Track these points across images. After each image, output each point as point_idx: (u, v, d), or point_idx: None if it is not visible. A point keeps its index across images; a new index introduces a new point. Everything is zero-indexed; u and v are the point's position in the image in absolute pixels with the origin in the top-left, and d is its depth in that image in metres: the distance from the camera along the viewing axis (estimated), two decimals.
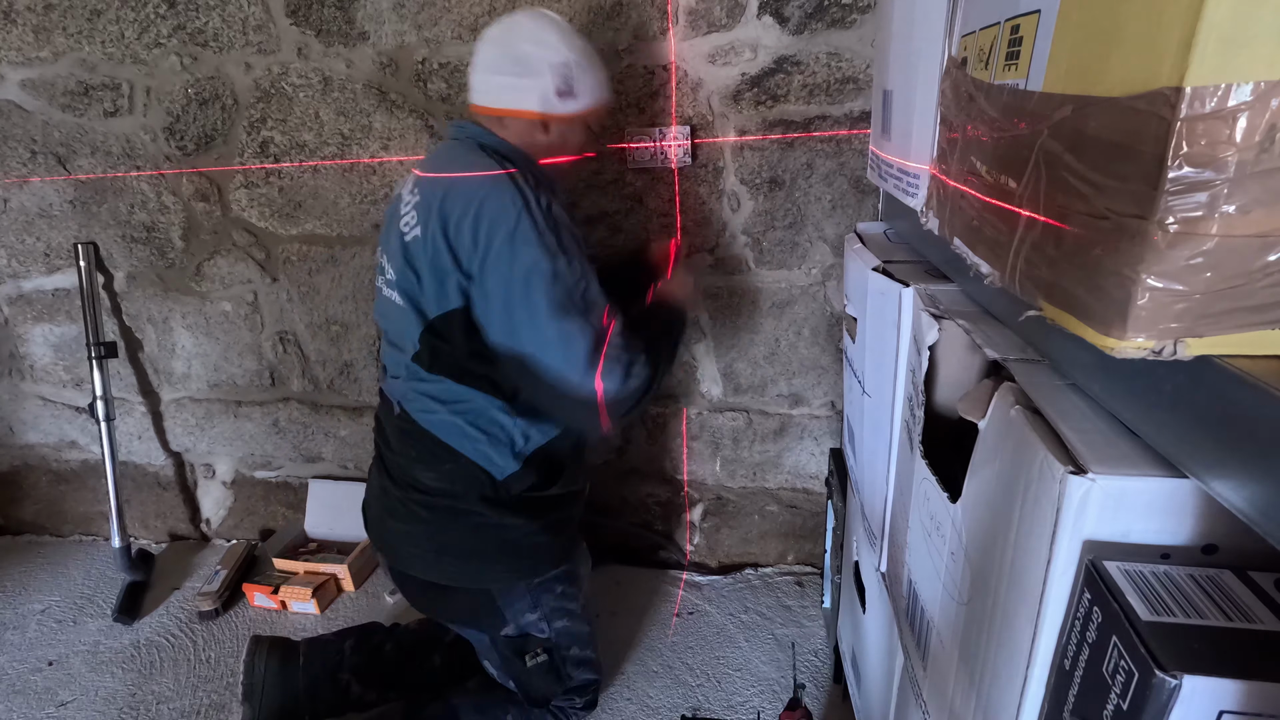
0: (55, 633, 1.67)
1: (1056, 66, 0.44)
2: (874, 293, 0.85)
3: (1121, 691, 0.38)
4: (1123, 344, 0.38)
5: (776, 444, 1.64)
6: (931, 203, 0.72)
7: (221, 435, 1.86)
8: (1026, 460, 0.49)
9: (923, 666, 0.75)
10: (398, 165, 1.50)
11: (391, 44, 1.41)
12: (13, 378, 1.88)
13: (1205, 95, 0.32)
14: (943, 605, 0.67)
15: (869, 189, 1.38)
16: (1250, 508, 0.35)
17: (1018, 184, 0.48)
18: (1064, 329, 0.44)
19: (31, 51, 1.52)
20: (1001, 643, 0.54)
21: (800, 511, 1.70)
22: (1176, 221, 0.34)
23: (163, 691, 1.50)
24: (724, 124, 1.38)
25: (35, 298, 1.77)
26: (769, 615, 1.61)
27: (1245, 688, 0.35)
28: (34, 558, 1.94)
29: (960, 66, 0.61)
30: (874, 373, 0.89)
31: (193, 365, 1.79)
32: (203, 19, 1.45)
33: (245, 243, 1.63)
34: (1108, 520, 0.44)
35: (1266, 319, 0.35)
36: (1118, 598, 0.40)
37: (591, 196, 1.46)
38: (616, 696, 1.43)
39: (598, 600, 1.66)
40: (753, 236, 1.45)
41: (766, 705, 1.39)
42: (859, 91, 1.31)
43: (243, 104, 1.50)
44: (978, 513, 0.59)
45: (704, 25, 1.31)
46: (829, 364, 1.53)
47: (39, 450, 1.96)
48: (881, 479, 0.88)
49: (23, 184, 1.65)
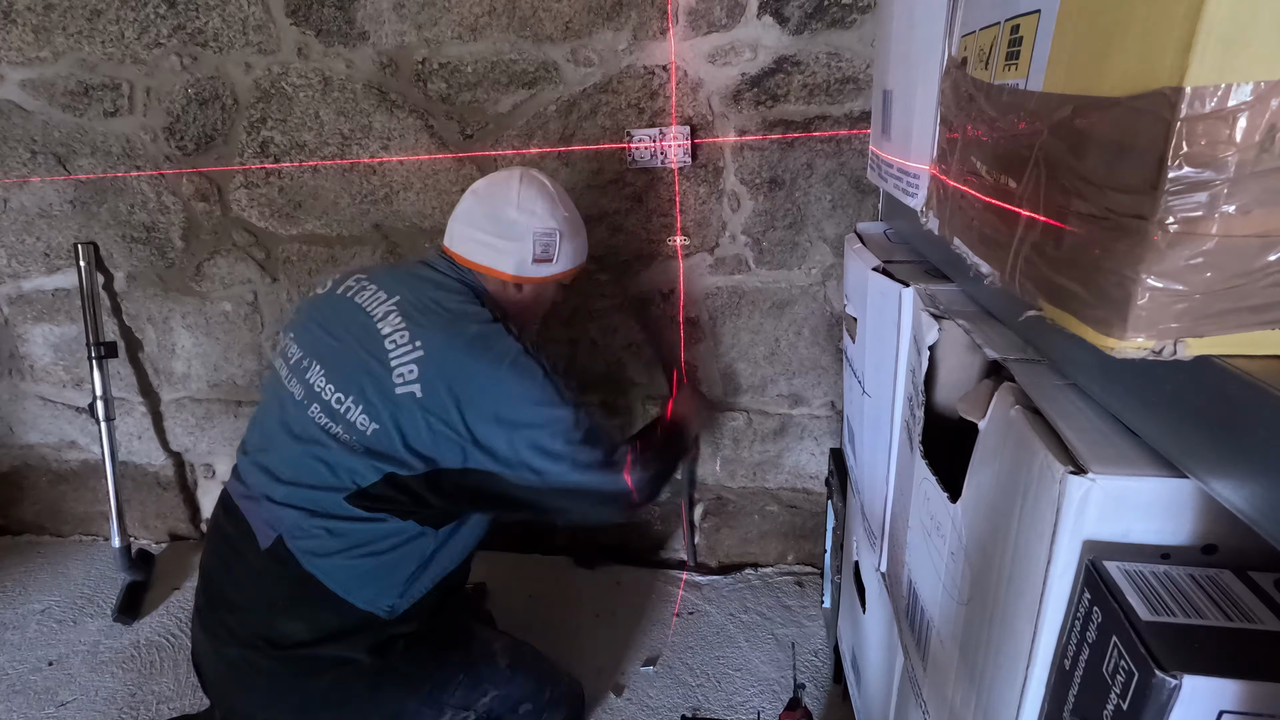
0: (55, 633, 1.67)
1: (1056, 66, 0.44)
2: (874, 293, 0.85)
3: (1121, 691, 0.38)
4: (1123, 344, 0.38)
5: (776, 444, 1.64)
6: (931, 203, 0.72)
7: (221, 435, 1.86)
8: (1026, 460, 0.49)
9: (923, 666, 0.75)
10: (398, 165, 1.50)
11: (391, 44, 1.41)
12: (13, 378, 1.88)
13: (1205, 95, 0.32)
14: (943, 605, 0.67)
15: (869, 189, 1.38)
16: (1250, 508, 0.35)
17: (1018, 184, 0.48)
18: (1064, 329, 0.44)
19: (31, 51, 1.52)
20: (1001, 643, 0.54)
21: (800, 511, 1.70)
22: (1176, 221, 0.34)
23: (163, 691, 1.50)
24: (724, 124, 1.38)
25: (35, 298, 1.77)
26: (769, 615, 1.61)
27: (1245, 688, 0.35)
28: (34, 558, 1.94)
29: (960, 66, 0.61)
30: (874, 373, 0.89)
31: (193, 365, 1.79)
32: (203, 19, 1.45)
33: (245, 243, 1.63)
34: (1108, 520, 0.44)
35: (1266, 319, 0.35)
36: (1118, 598, 0.40)
37: (591, 196, 1.46)
38: (616, 696, 1.43)
39: (597, 600, 1.67)
40: (753, 236, 1.46)
41: (766, 705, 1.39)
42: (859, 91, 1.31)
43: (243, 104, 1.50)
44: (978, 513, 0.59)
45: (704, 25, 1.31)
46: (829, 364, 1.53)
47: (39, 450, 1.96)
48: (881, 479, 0.88)
49: (23, 184, 1.65)
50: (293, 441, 1.01)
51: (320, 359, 1.03)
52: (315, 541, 0.98)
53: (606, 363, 1.60)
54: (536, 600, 1.68)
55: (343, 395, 0.99)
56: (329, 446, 0.98)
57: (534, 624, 1.59)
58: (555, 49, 1.36)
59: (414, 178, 1.51)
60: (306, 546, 0.98)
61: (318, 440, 0.99)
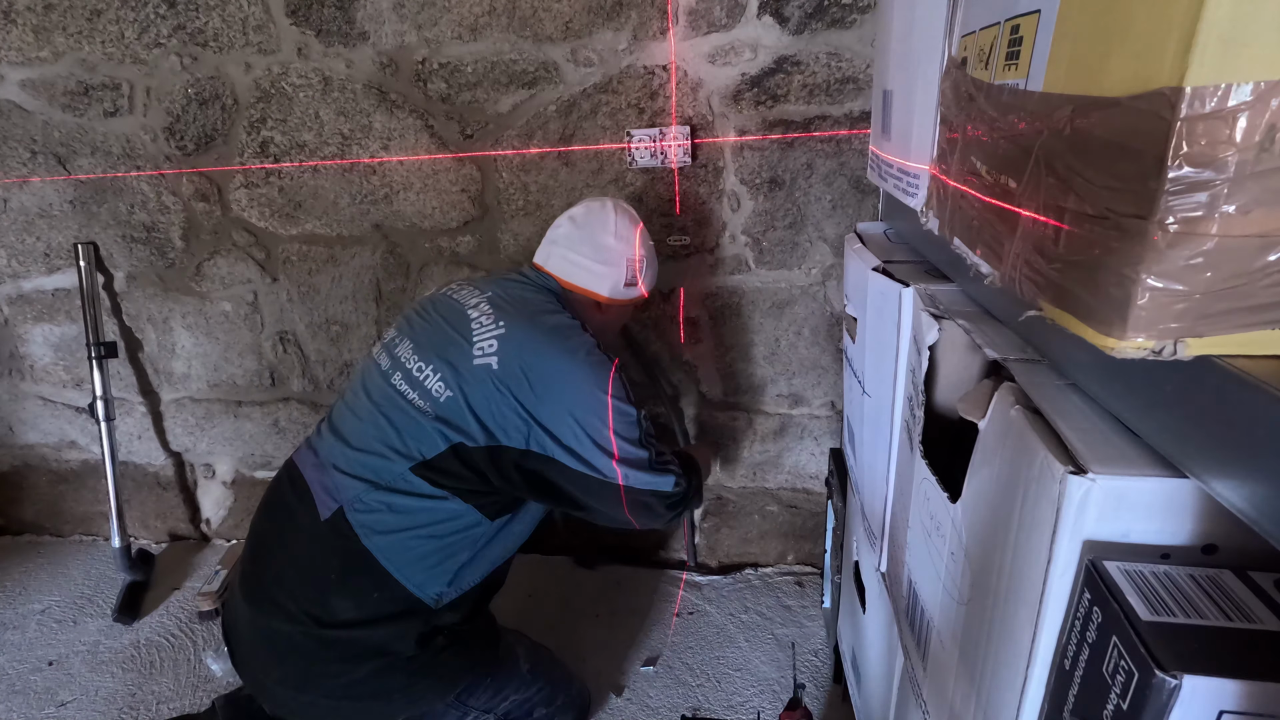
0: (55, 633, 1.67)
1: (1056, 66, 0.44)
2: (874, 293, 0.85)
3: (1121, 691, 0.38)
4: (1123, 344, 0.38)
5: (776, 444, 1.64)
6: (931, 203, 0.72)
7: (221, 435, 1.86)
8: (1026, 460, 0.49)
9: (923, 666, 0.75)
10: (398, 165, 1.50)
11: (391, 44, 1.41)
12: (13, 378, 1.87)
13: (1205, 95, 0.32)
14: (943, 605, 0.67)
15: (869, 189, 1.38)
16: (1250, 508, 0.35)
17: (1018, 184, 0.48)
18: (1064, 329, 0.44)
19: (31, 51, 1.52)
20: (1001, 643, 0.54)
21: (800, 511, 1.70)
22: (1176, 221, 0.34)
23: (163, 691, 1.50)
24: (724, 124, 1.38)
25: (35, 298, 1.77)
26: (769, 615, 1.61)
27: (1245, 688, 0.35)
28: (34, 558, 1.94)
29: (960, 66, 0.61)
30: (874, 373, 0.88)
31: (193, 365, 1.79)
32: (203, 19, 1.45)
33: (245, 243, 1.63)
34: (1108, 520, 0.44)
35: (1266, 319, 0.35)
36: (1118, 598, 0.40)
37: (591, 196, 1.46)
38: (616, 696, 1.43)
39: (597, 600, 1.67)
40: (753, 236, 1.46)
41: (766, 705, 1.39)
42: (859, 91, 1.31)
43: (243, 104, 1.50)
44: (978, 513, 0.59)
45: (704, 25, 1.31)
46: (829, 364, 1.53)
47: (39, 450, 1.96)
48: (881, 479, 0.88)
49: (23, 184, 1.65)
50: (370, 407, 1.05)
51: (411, 337, 1.09)
52: (375, 517, 0.99)
53: None
54: (536, 600, 1.68)
55: (424, 364, 1.04)
56: (404, 411, 1.02)
57: (534, 624, 1.59)
58: (555, 49, 1.36)
59: (414, 178, 1.51)
60: (366, 521, 0.99)
61: (394, 405, 1.03)
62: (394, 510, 0.99)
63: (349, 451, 1.03)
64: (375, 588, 0.99)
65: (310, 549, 1.01)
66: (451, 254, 1.57)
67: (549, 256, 1.18)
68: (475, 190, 1.50)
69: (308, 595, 0.99)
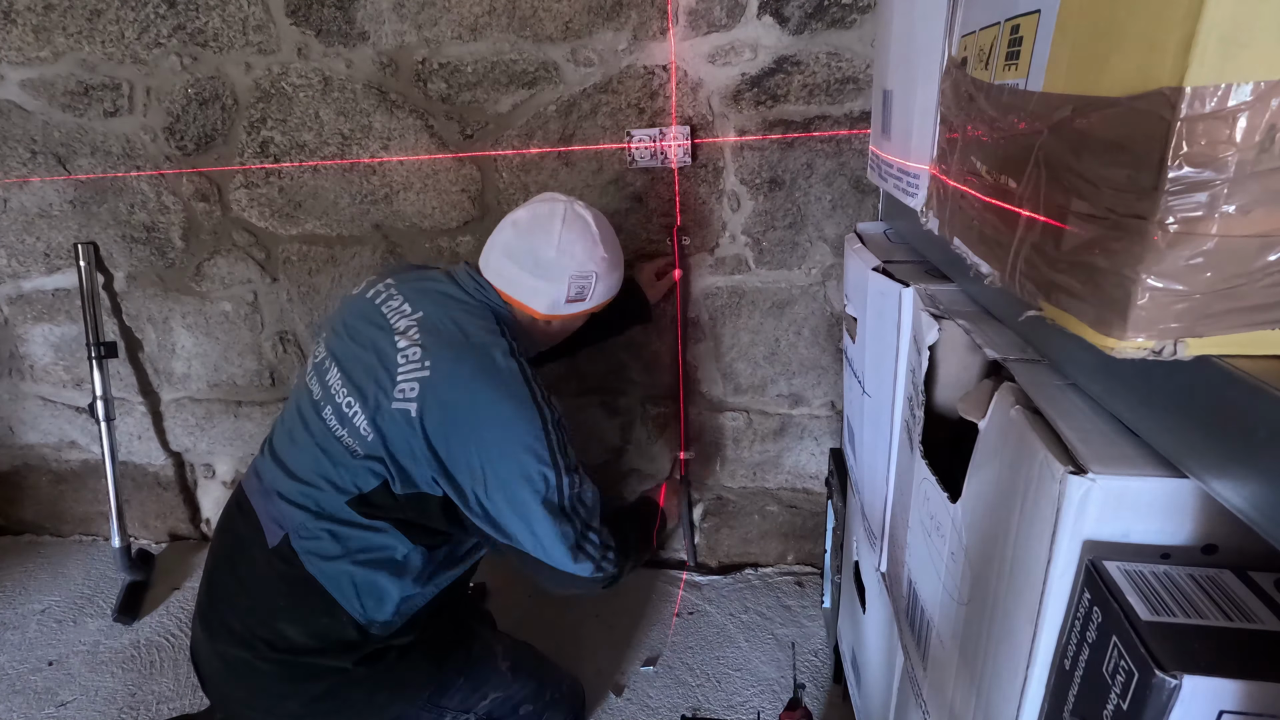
0: (55, 633, 1.67)
1: (1056, 66, 0.44)
2: (874, 293, 0.85)
3: (1121, 691, 0.38)
4: (1123, 344, 0.38)
5: (776, 444, 1.64)
6: (931, 203, 0.72)
7: (221, 435, 1.86)
8: (1026, 460, 0.49)
9: (923, 666, 0.75)
10: (398, 165, 1.50)
11: (391, 44, 1.41)
12: (13, 378, 1.87)
13: (1205, 95, 0.32)
14: (943, 605, 0.67)
15: (869, 189, 1.38)
16: (1250, 508, 0.35)
17: (1018, 184, 0.48)
18: (1064, 329, 0.44)
19: (31, 51, 1.52)
20: (1001, 643, 0.54)
21: (800, 511, 1.70)
22: (1176, 221, 0.34)
23: (163, 691, 1.50)
24: (724, 124, 1.38)
25: (35, 298, 1.77)
26: (769, 615, 1.61)
27: (1245, 688, 0.35)
28: (34, 558, 1.94)
29: (960, 66, 0.61)
30: (874, 373, 0.89)
31: (193, 365, 1.79)
32: (203, 19, 1.45)
33: (245, 243, 1.63)
34: (1108, 520, 0.44)
35: (1266, 319, 0.35)
36: (1118, 598, 0.40)
37: (591, 196, 1.46)
38: (616, 696, 1.43)
39: (597, 600, 1.66)
40: (753, 236, 1.46)
41: (766, 705, 1.39)
42: (859, 91, 1.31)
43: (243, 104, 1.50)
44: (978, 513, 0.59)
45: (704, 25, 1.31)
46: (829, 364, 1.53)
47: (39, 450, 1.96)
48: (881, 479, 0.88)
49: (23, 184, 1.65)
50: (307, 439, 1.02)
51: (339, 362, 1.04)
52: (318, 543, 0.98)
53: (607, 363, 1.60)
54: (536, 600, 1.68)
55: (352, 400, 0.99)
56: (336, 449, 0.99)
57: (534, 624, 1.59)
58: (555, 49, 1.36)
59: (414, 178, 1.51)
60: (310, 548, 0.98)
61: (328, 438, 1.00)
62: (335, 538, 0.98)
63: (289, 481, 1.02)
64: (323, 613, 0.99)
65: (260, 576, 1.01)
66: (451, 254, 1.57)
67: (488, 263, 1.08)
68: (475, 190, 1.50)
69: (259, 621, 1.00)
